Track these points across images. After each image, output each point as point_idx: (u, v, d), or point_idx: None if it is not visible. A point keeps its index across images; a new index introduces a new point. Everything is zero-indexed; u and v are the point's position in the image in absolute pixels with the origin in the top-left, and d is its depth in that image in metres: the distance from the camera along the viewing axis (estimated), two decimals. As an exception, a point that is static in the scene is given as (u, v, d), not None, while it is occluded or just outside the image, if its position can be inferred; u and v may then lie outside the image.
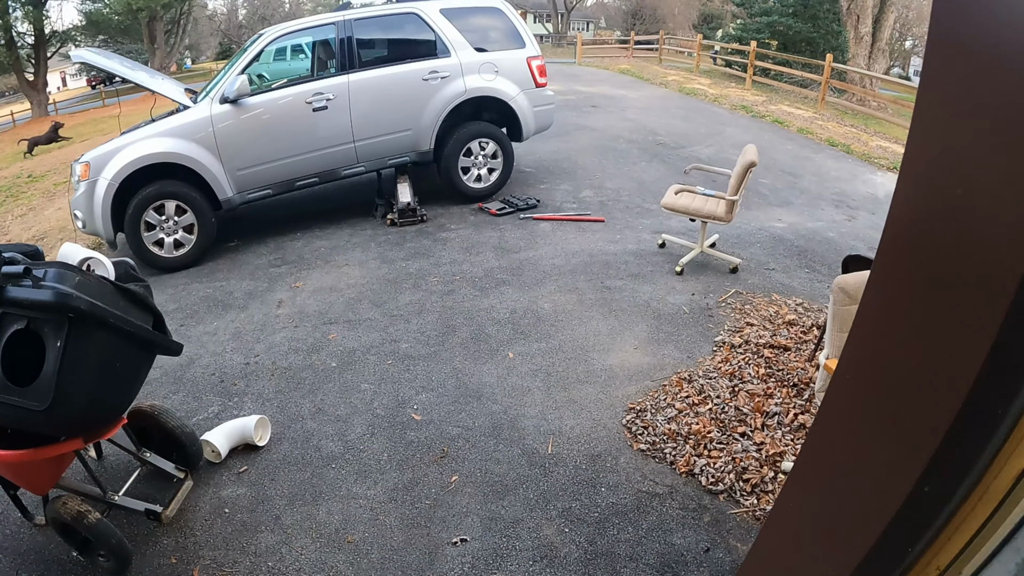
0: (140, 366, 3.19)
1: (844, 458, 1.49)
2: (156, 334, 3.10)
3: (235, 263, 7.05)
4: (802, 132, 13.24)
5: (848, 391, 1.48)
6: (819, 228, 7.43)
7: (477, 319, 5.40)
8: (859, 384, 1.45)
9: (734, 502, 3.41)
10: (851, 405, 1.48)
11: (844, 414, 1.50)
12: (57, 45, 36.93)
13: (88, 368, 2.77)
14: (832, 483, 1.55)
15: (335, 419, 4.26)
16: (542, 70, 8.14)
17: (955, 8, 1.12)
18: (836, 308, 3.14)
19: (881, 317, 1.37)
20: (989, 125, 1.05)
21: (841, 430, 1.52)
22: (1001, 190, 1.02)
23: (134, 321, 2.93)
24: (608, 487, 3.55)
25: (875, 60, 20.58)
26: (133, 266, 3.37)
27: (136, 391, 3.24)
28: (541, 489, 3.56)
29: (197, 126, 6.89)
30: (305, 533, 3.36)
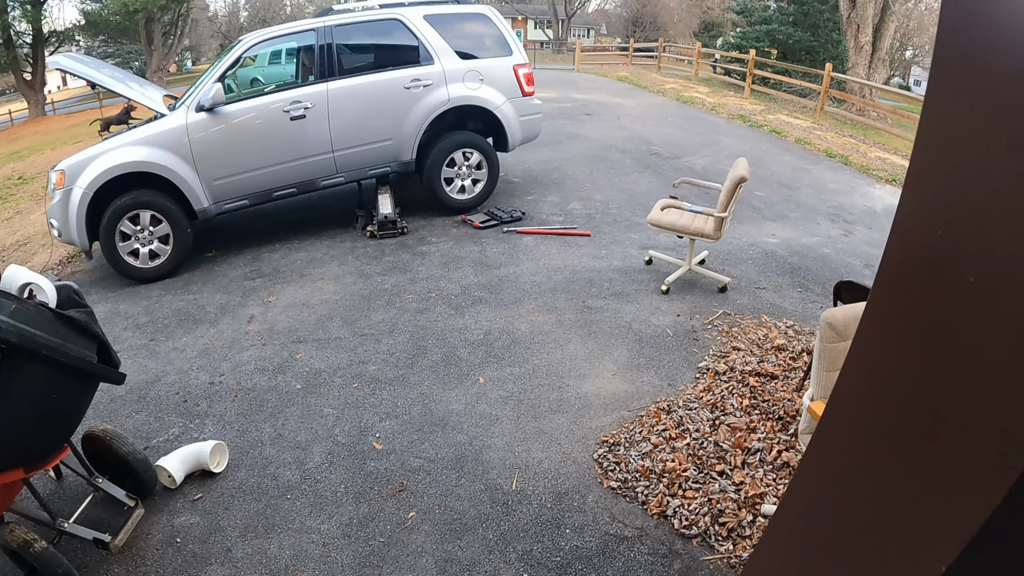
0: (79, 396, 3.13)
1: (828, 533, 1.29)
2: (94, 365, 3.02)
3: (211, 275, 6.85)
4: (800, 142, 13.04)
5: (838, 445, 1.28)
6: (814, 244, 7.21)
7: (449, 340, 5.17)
8: (852, 438, 1.24)
9: (708, 547, 3.18)
10: (842, 462, 1.27)
11: (833, 475, 1.29)
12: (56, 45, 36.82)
13: (21, 401, 2.73)
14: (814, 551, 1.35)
15: (295, 446, 4.08)
16: (529, 78, 7.92)
17: (963, 22, 1.06)
18: (823, 345, 2.87)
19: (879, 357, 1.17)
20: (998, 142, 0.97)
21: (830, 492, 1.31)
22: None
23: (72, 350, 2.87)
24: (573, 528, 3.32)
25: (875, 70, 20.39)
26: (76, 290, 3.22)
27: (77, 420, 3.20)
28: (502, 529, 3.35)
29: (172, 135, 6.70)
30: (255, 568, 3.20)
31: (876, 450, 1.21)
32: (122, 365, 4.94)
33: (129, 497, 3.45)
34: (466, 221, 7.69)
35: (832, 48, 22.73)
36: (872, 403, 1.24)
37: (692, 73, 24.35)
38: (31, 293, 2.97)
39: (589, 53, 35.87)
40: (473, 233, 7.40)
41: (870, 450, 1.23)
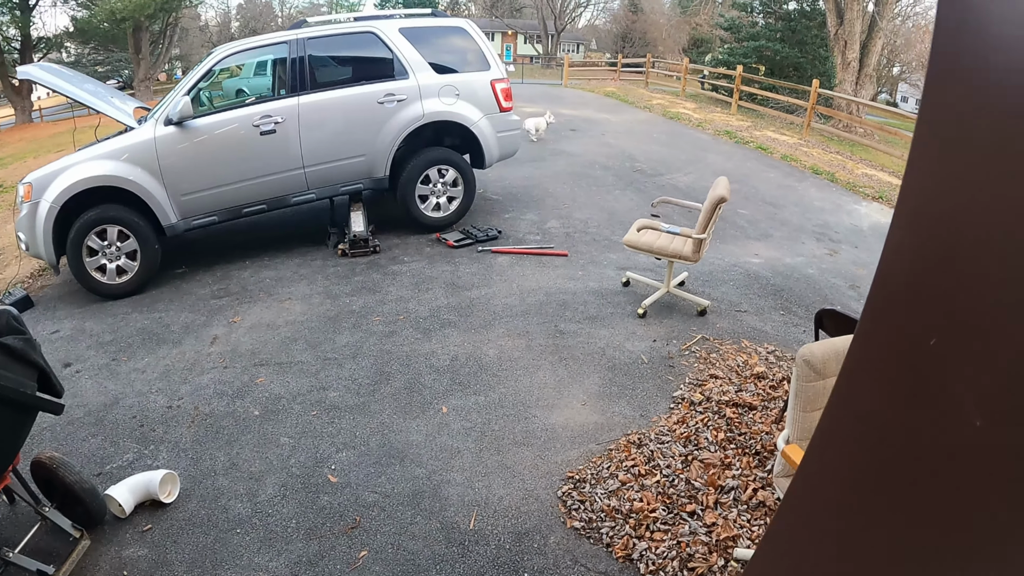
0: (16, 426, 3.01)
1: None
2: (28, 395, 2.90)
3: (178, 292, 6.68)
4: (786, 159, 12.93)
5: (820, 494, 1.13)
6: (798, 264, 7.05)
7: (414, 366, 4.99)
8: (836, 486, 1.10)
9: (675, 596, 2.98)
10: (825, 513, 1.13)
11: (816, 526, 1.14)
12: (45, 51, 36.78)
13: None
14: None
15: (248, 476, 3.91)
16: (507, 93, 7.76)
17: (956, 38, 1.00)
18: (800, 384, 2.68)
19: (866, 396, 1.03)
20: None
21: (811, 545, 1.17)
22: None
23: (6, 381, 2.76)
24: (532, 572, 3.14)
25: (862, 86, 20.39)
26: (15, 316, 3.10)
27: (14, 450, 3.10)
28: (457, 572, 3.17)
29: (139, 149, 6.54)
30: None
31: (863, 500, 1.06)
32: (82, 385, 5.00)
33: (75, 528, 3.37)
34: (440, 239, 7.52)
35: (819, 64, 22.76)
36: (858, 447, 1.09)
37: (680, 89, 24.33)
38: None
39: (578, 68, 35.99)
40: (447, 252, 7.22)
41: (856, 500, 1.08)
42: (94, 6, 35.74)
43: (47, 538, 3.41)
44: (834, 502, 1.17)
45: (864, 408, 1.08)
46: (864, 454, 1.08)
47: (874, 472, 1.06)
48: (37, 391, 2.96)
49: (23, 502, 3.46)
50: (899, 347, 1.02)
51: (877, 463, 1.05)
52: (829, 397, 1.16)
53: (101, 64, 44.65)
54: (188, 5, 41.85)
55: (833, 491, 1.18)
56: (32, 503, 3.31)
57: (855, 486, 1.11)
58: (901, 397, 1.00)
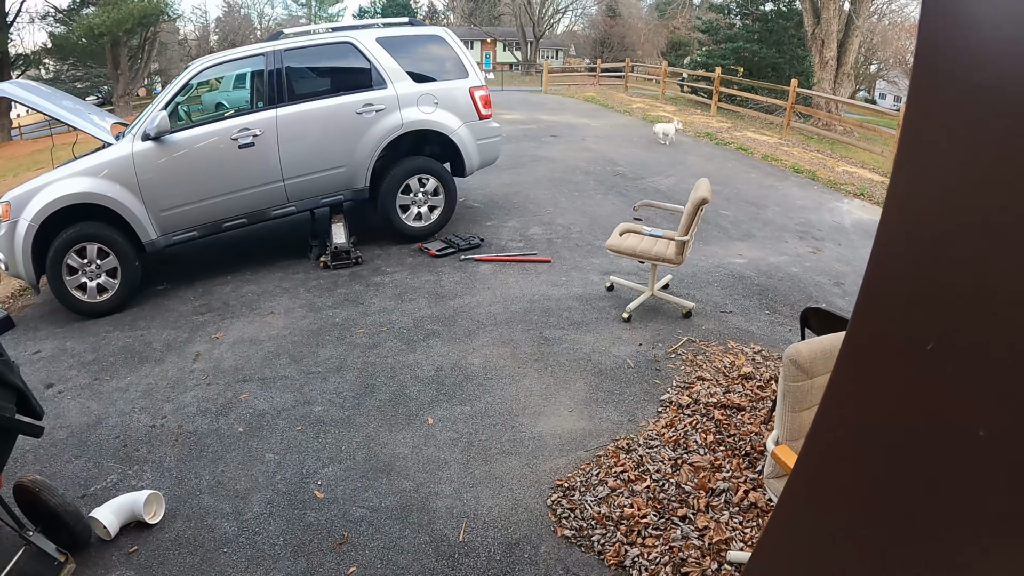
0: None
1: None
2: (8, 419, 2.87)
3: (159, 309, 6.60)
4: (767, 159, 12.98)
5: (814, 496, 1.11)
6: (782, 263, 7.06)
7: (399, 377, 4.94)
8: (830, 489, 1.08)
9: (669, 603, 2.95)
10: (819, 518, 1.11)
11: (810, 531, 1.12)
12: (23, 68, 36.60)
13: None
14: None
15: (233, 495, 3.85)
16: (486, 101, 7.73)
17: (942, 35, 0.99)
18: (788, 384, 2.65)
19: (860, 396, 1.01)
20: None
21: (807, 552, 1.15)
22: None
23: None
24: (524, 584, 3.08)
25: (840, 84, 20.48)
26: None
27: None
28: (447, 586, 3.11)
29: (117, 165, 6.48)
30: None
31: (857, 504, 1.04)
32: (65, 406, 4.95)
33: (59, 552, 3.31)
34: (422, 249, 7.48)
35: (797, 64, 22.89)
36: (851, 450, 1.06)
37: (659, 92, 24.41)
38: None
39: (557, 74, 36.04)
40: (429, 262, 7.19)
41: (851, 503, 1.06)
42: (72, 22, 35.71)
43: (32, 563, 3.32)
44: (828, 506, 1.15)
45: (856, 410, 1.06)
46: (857, 457, 1.06)
47: (869, 476, 1.04)
48: (16, 413, 2.91)
49: (6, 527, 3.38)
50: (890, 347, 1.00)
51: (871, 466, 1.03)
52: (821, 399, 1.13)
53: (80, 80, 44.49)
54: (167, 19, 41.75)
55: (827, 495, 1.16)
56: (15, 528, 3.25)
57: (849, 490, 1.09)
58: (894, 397, 0.98)
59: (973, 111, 0.91)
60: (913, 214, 0.98)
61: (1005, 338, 0.83)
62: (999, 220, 0.86)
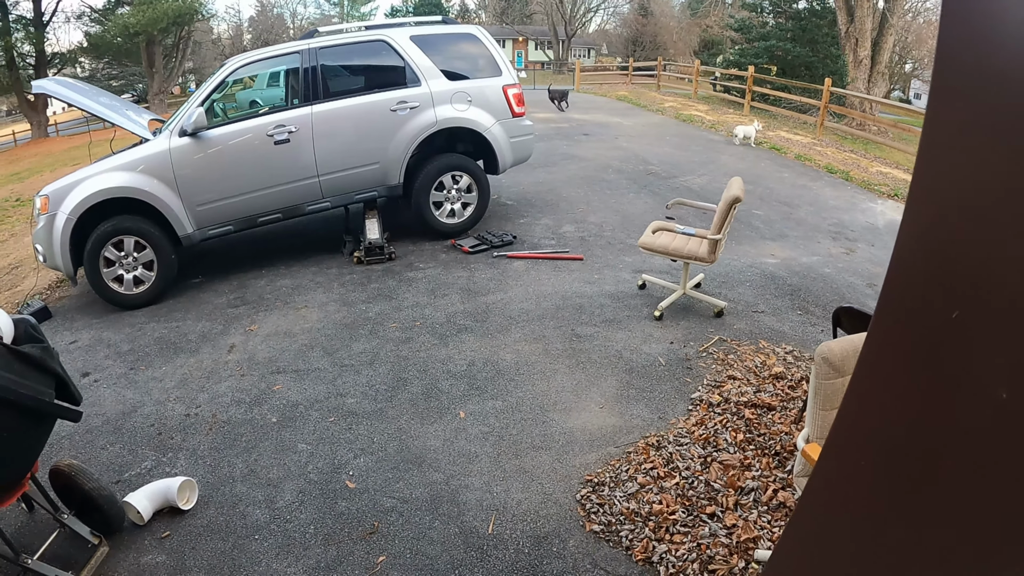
0: (33, 433, 3.02)
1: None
2: (47, 403, 2.91)
3: (195, 302, 6.70)
4: (800, 159, 12.88)
5: (835, 494, 1.11)
6: (814, 263, 7.00)
7: (431, 372, 4.98)
8: (851, 486, 1.08)
9: (696, 599, 2.96)
10: (840, 514, 1.11)
11: (831, 528, 1.11)
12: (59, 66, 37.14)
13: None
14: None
15: (266, 483, 3.91)
16: (519, 99, 7.76)
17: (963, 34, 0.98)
18: (819, 382, 2.64)
19: (880, 395, 1.02)
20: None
21: (828, 547, 1.15)
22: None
23: (25, 388, 2.78)
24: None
25: (875, 83, 20.25)
26: (33, 325, 3.12)
27: (32, 457, 3.09)
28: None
29: (155, 160, 6.58)
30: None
31: (881, 497, 1.04)
32: (101, 394, 5.02)
33: (93, 535, 3.38)
34: (455, 245, 7.52)
35: (831, 63, 22.67)
36: (875, 443, 1.07)
37: (691, 91, 24.29)
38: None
39: (589, 73, 35.92)
40: (462, 258, 7.22)
41: (875, 497, 1.06)
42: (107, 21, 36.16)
43: (66, 545, 3.42)
44: (853, 500, 1.15)
45: (881, 403, 1.06)
46: (882, 450, 1.06)
47: (893, 469, 1.04)
48: (55, 399, 2.98)
49: (42, 509, 3.48)
50: (914, 340, 1.00)
51: (896, 460, 1.03)
52: (845, 393, 1.14)
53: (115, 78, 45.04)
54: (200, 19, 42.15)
55: (851, 489, 1.16)
56: (51, 510, 3.33)
57: (873, 483, 1.09)
58: (918, 391, 0.98)
59: (993, 114, 0.91)
60: (932, 216, 0.99)
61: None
62: (1019, 223, 0.86)
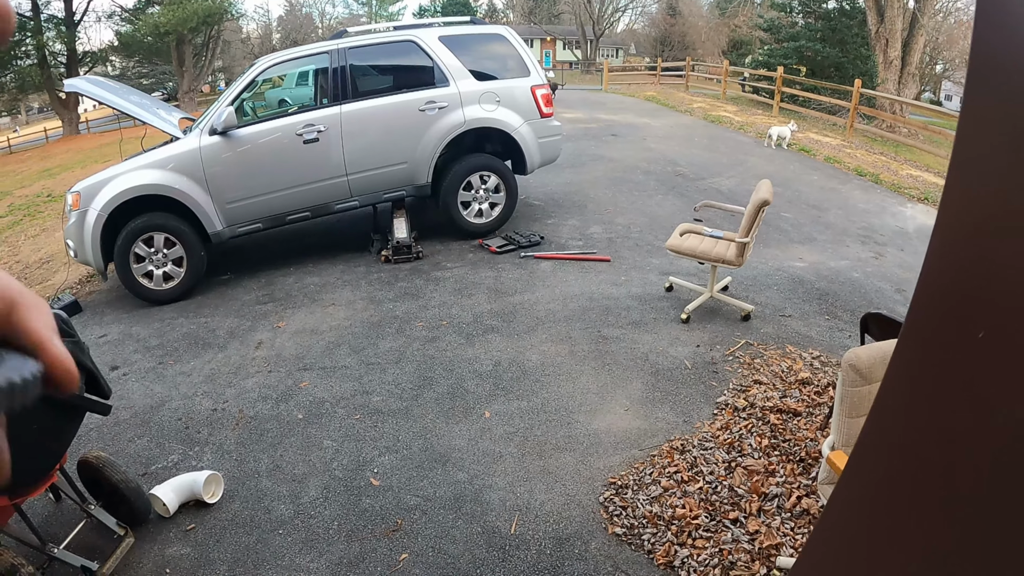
0: (63, 426, 3.06)
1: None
2: (78, 396, 2.94)
3: (223, 298, 6.78)
4: (829, 161, 12.78)
5: (861, 510, 1.09)
6: (843, 268, 6.95)
7: (457, 371, 4.99)
8: (876, 502, 1.06)
9: (718, 604, 2.95)
10: (864, 533, 1.09)
11: (854, 548, 1.10)
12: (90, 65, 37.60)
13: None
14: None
15: (291, 479, 3.95)
16: (548, 99, 7.75)
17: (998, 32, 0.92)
18: (846, 389, 2.62)
19: (910, 406, 1.00)
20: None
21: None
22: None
23: None
24: (573, 579, 3.11)
25: (905, 85, 20.05)
26: (64, 319, 3.16)
27: (62, 450, 3.13)
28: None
29: (185, 158, 6.67)
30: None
31: (910, 508, 1.02)
32: (129, 388, 5.09)
33: (119, 526, 3.43)
34: (483, 245, 7.53)
35: (861, 64, 22.45)
36: (904, 451, 1.05)
37: (720, 92, 24.16)
38: None
39: (617, 73, 35.82)
40: (489, 258, 7.24)
41: (903, 508, 1.04)
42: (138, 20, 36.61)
43: (92, 535, 3.47)
44: (880, 510, 1.13)
45: (911, 410, 1.05)
46: (911, 458, 1.05)
47: (923, 478, 1.02)
48: (85, 392, 3.02)
49: (69, 500, 3.53)
50: (947, 345, 0.99)
51: (926, 468, 1.01)
52: (873, 401, 1.12)
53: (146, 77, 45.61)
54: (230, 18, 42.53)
55: (879, 498, 1.14)
56: (78, 501, 3.38)
57: (902, 493, 1.08)
58: (950, 397, 0.97)
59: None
60: (968, 218, 0.98)
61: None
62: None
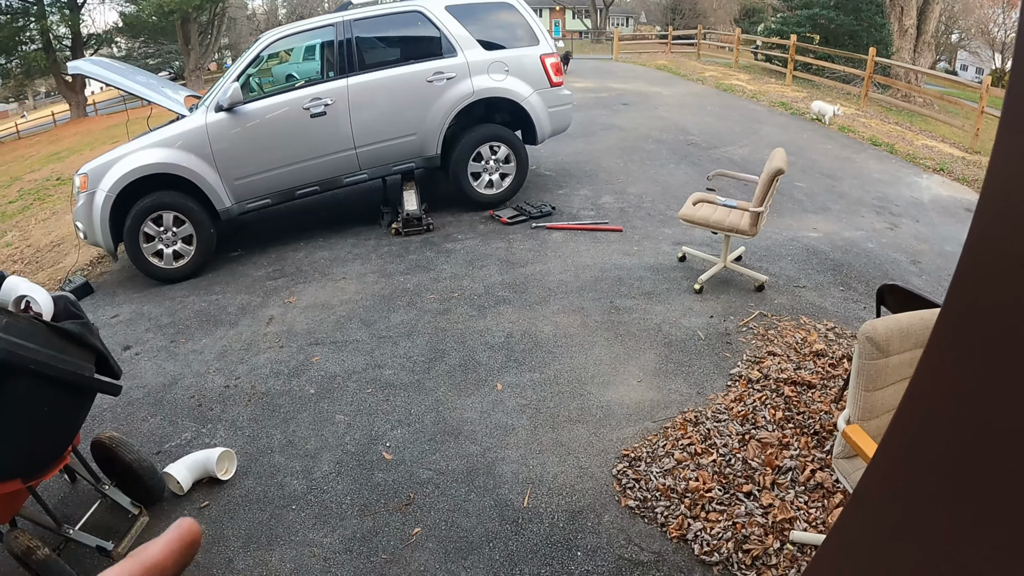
0: (74, 407, 3.09)
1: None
2: (86, 377, 2.97)
3: (234, 275, 6.77)
4: (843, 130, 12.63)
5: (901, 494, 1.01)
6: (858, 238, 6.87)
7: (469, 343, 4.97)
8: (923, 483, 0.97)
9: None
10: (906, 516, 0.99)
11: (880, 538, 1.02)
12: (95, 47, 37.50)
13: (11, 415, 2.73)
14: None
15: (303, 454, 3.96)
16: (557, 68, 7.66)
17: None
18: (862, 362, 2.57)
19: (958, 378, 0.91)
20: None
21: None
22: None
23: (65, 363, 2.84)
24: (586, 551, 3.10)
25: (920, 54, 19.78)
26: (73, 301, 3.17)
27: (74, 431, 3.16)
28: (510, 550, 3.15)
29: (192, 136, 6.65)
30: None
31: (954, 494, 0.93)
32: (142, 367, 5.10)
33: (133, 505, 3.46)
34: (494, 217, 7.49)
35: (875, 32, 22.08)
36: (948, 432, 0.95)
37: (732, 60, 23.90)
38: (27, 305, 2.94)
39: (628, 42, 35.44)
40: (500, 229, 7.19)
41: (947, 494, 0.95)
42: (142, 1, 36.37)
43: (107, 515, 3.49)
44: (921, 495, 1.04)
45: (954, 389, 0.96)
46: (954, 440, 0.97)
47: (967, 461, 0.93)
48: (95, 373, 3.03)
49: (83, 481, 3.55)
50: (987, 337, 0.91)
51: (971, 450, 0.93)
52: (911, 379, 1.03)
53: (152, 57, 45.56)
54: (234, -6, 42.35)
55: (909, 494, 1.06)
56: (92, 481, 3.40)
57: (945, 478, 0.99)
58: (989, 393, 0.89)
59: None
60: (1017, 187, 0.92)
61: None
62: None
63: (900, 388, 2.69)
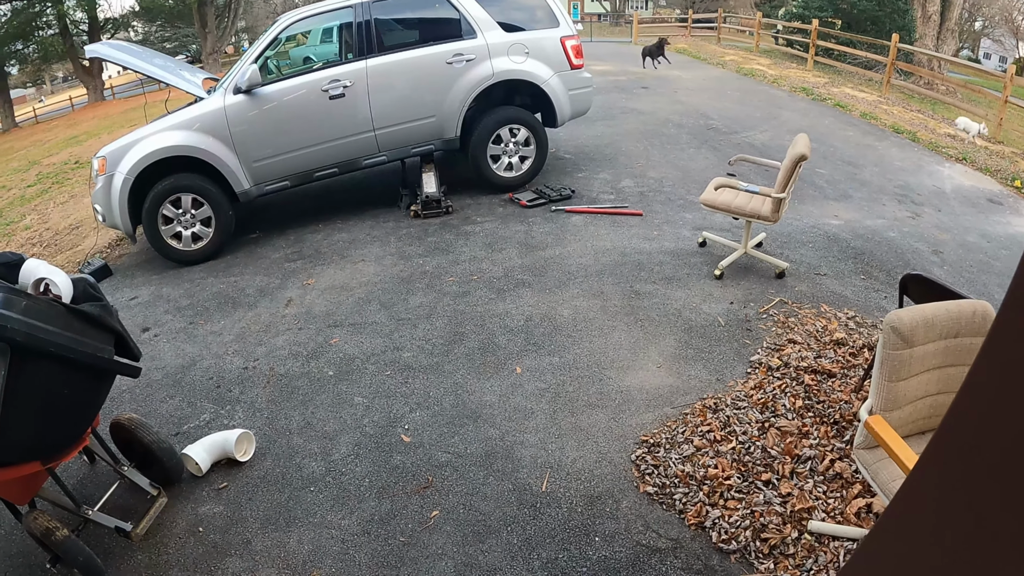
0: (93, 390, 3.12)
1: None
2: (105, 360, 2.99)
3: (252, 257, 6.79)
4: (865, 117, 12.48)
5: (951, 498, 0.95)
6: (879, 227, 6.80)
7: (488, 326, 4.97)
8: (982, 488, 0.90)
9: (747, 565, 2.93)
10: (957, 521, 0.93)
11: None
12: (112, 31, 37.51)
13: (31, 397, 2.74)
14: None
15: (322, 436, 3.98)
16: (577, 50, 7.59)
17: None
18: (887, 352, 2.54)
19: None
20: None
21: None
22: None
23: (84, 345, 2.85)
24: (603, 537, 3.11)
25: (944, 41, 19.55)
26: (92, 283, 3.20)
27: (93, 413, 3.19)
28: (527, 534, 3.16)
29: (210, 118, 6.64)
30: (272, 562, 3.16)
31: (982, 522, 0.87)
32: (160, 349, 5.13)
33: (152, 486, 3.46)
34: (513, 199, 7.46)
35: (898, 18, 21.82)
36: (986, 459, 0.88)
37: (753, 44, 23.73)
38: (46, 288, 2.98)
39: (647, 25, 35.30)
40: (520, 212, 7.16)
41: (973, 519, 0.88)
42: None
43: (126, 496, 3.54)
44: (954, 516, 0.97)
45: (1005, 410, 0.87)
46: (997, 464, 0.88)
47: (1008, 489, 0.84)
48: (114, 355, 3.05)
49: (103, 462, 3.58)
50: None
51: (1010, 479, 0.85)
52: (958, 393, 0.94)
53: (169, 40, 45.65)
54: (252, -23, 42.26)
55: (955, 504, 0.98)
56: (111, 463, 3.42)
57: (979, 501, 0.91)
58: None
59: None
60: None
61: None
62: None
63: (924, 379, 2.67)
